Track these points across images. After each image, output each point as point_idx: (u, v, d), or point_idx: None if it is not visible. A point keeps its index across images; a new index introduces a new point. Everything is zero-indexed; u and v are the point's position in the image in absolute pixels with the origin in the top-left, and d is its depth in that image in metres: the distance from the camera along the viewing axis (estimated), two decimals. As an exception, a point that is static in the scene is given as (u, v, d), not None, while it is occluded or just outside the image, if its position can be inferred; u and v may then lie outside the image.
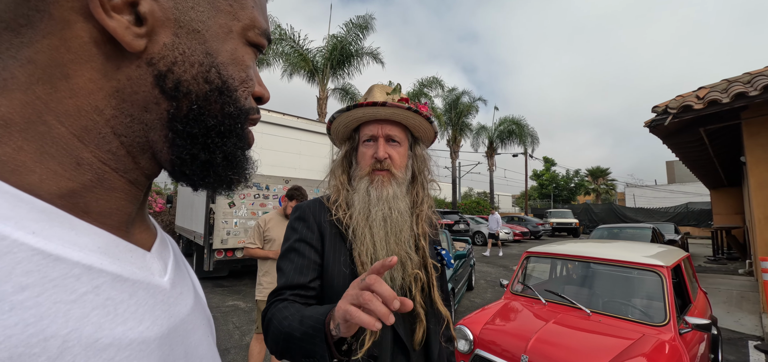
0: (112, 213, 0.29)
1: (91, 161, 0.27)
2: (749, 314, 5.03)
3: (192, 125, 0.30)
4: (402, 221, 0.89)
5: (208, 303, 5.58)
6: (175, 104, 0.30)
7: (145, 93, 0.29)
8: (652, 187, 35.87)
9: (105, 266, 0.26)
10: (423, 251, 0.93)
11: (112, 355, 0.24)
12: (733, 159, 8.25)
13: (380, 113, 0.92)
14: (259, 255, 2.76)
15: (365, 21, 14.31)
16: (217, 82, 0.31)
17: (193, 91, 0.30)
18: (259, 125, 6.49)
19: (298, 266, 0.86)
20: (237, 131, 0.33)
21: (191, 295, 0.37)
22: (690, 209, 22.13)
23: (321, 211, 0.93)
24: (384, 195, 0.89)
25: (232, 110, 0.32)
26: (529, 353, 2.15)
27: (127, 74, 0.28)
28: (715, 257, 11.17)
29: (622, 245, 3.39)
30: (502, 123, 24.48)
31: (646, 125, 6.10)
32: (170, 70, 0.29)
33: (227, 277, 7.18)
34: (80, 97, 0.27)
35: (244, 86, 0.34)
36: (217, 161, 0.32)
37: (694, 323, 2.27)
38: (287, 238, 0.93)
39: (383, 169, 0.92)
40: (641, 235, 8.01)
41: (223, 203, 5.60)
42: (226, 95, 0.32)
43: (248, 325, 4.48)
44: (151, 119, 0.30)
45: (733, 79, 5.43)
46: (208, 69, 0.31)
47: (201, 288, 0.46)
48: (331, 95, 15.33)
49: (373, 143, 0.94)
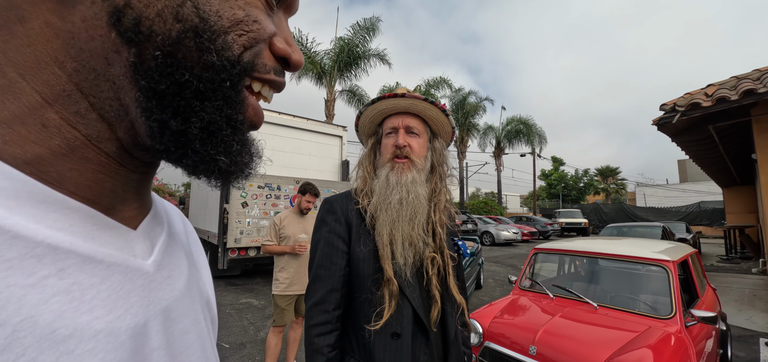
0: (91, 186, 0.25)
1: (59, 123, 0.23)
2: (761, 312, 5.00)
3: (158, 79, 0.24)
4: (418, 205, 0.95)
5: (222, 301, 5.65)
6: (135, 51, 0.24)
7: (101, 38, 0.23)
8: (664, 186, 35.32)
9: (75, 246, 0.23)
10: (439, 238, 0.99)
11: (72, 348, 0.21)
12: (745, 157, 8.14)
13: (400, 104, 1.01)
14: (275, 251, 2.89)
15: (372, 23, 14.47)
16: (193, 20, 0.24)
17: (158, 32, 0.24)
18: (270, 126, 6.68)
19: (327, 257, 0.94)
20: (223, 91, 0.26)
21: (183, 278, 0.33)
22: (702, 209, 21.75)
23: (348, 202, 1.00)
24: (403, 180, 0.95)
25: (215, 59, 0.25)
26: (537, 344, 2.23)
27: (82, 14, 0.23)
28: (727, 257, 11.01)
29: (629, 242, 3.43)
30: (510, 123, 24.40)
31: (655, 123, 6.09)
32: (128, 4, 0.23)
33: (240, 276, 7.35)
34: (38, 45, 0.22)
35: (240, 30, 0.26)
36: (193, 133, 0.25)
37: (700, 316, 2.32)
38: (318, 229, 0.99)
39: (403, 156, 0.99)
40: (651, 233, 7.96)
41: (237, 204, 5.75)
42: (206, 38, 0.25)
43: (262, 321, 4.62)
44: (117, 75, 0.24)
45: (742, 76, 5.40)
46: (182, 2, 0.24)
47: (207, 269, 0.41)
48: (339, 97, 15.52)
49: (394, 134, 1.01)
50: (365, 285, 0.91)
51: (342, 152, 7.62)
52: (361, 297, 0.92)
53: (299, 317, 3.01)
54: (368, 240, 0.94)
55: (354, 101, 15.66)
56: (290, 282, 2.87)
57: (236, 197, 5.75)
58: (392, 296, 0.88)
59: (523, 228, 17.05)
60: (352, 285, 0.94)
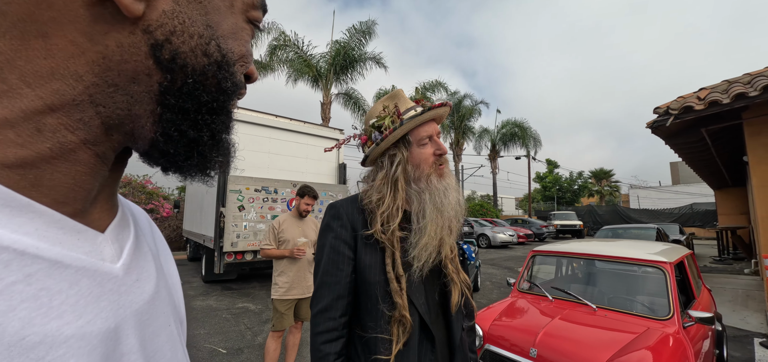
0: (69, 189, 0.26)
1: (56, 127, 0.24)
2: (755, 312, 5.07)
3: (185, 100, 0.29)
4: (451, 206, 0.98)
5: (218, 306, 5.61)
6: (169, 77, 0.28)
7: (136, 62, 0.26)
8: (657, 188, 35.74)
9: (42, 252, 0.23)
10: (455, 232, 1.03)
11: (42, 354, 0.21)
12: (736, 159, 8.28)
13: (439, 113, 1.02)
14: (274, 255, 2.87)
15: (367, 27, 14.51)
16: (217, 56, 0.30)
17: (190, 64, 0.28)
18: (267, 130, 6.66)
19: (333, 263, 0.93)
20: (227, 108, 0.32)
21: (152, 281, 0.33)
22: (695, 210, 22.03)
23: (354, 209, 0.98)
24: (452, 182, 0.99)
25: (229, 86, 0.31)
26: (537, 346, 2.23)
27: (118, 41, 0.25)
28: (720, 258, 11.16)
29: (626, 244, 3.46)
30: (505, 126, 24.57)
31: (648, 126, 6.17)
32: (168, 39, 0.27)
33: (236, 280, 7.28)
34: (57, 59, 0.24)
35: (243, 61, 0.33)
36: (204, 140, 0.31)
37: (697, 316, 2.34)
38: (323, 234, 0.98)
39: (443, 162, 1.00)
40: (645, 235, 8.05)
41: (233, 207, 5.71)
42: (225, 70, 0.31)
43: (259, 326, 4.58)
44: (138, 91, 0.27)
45: (733, 80, 5.50)
46: (208, 41, 0.29)
47: (175, 272, 0.42)
48: (335, 100, 15.51)
49: (430, 143, 0.99)
50: (372, 293, 0.90)
51: (339, 155, 7.61)
52: (367, 304, 0.91)
53: (298, 321, 2.99)
54: (378, 258, 0.93)
55: (350, 104, 15.67)
56: (289, 285, 2.85)
57: (233, 200, 5.71)
58: (404, 332, 0.88)
59: (519, 230, 17.14)
60: (358, 291, 0.93)
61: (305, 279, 2.92)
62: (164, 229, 12.35)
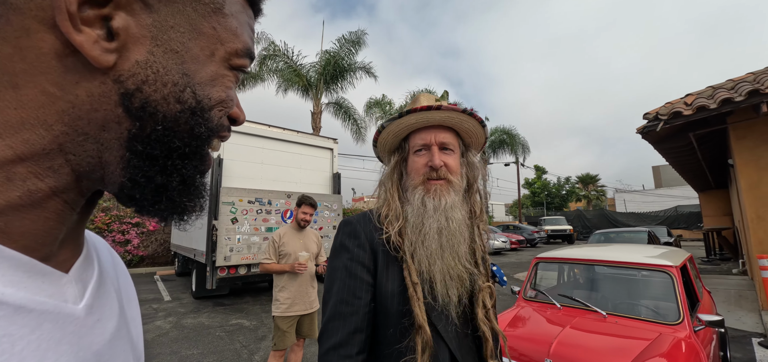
0: (38, 236, 0.26)
1: (26, 176, 0.25)
2: (749, 312, 5.15)
3: (154, 146, 0.28)
4: (460, 233, 0.83)
5: (211, 324, 5.40)
6: (138, 124, 0.27)
7: (106, 111, 0.26)
8: (641, 192, 36.63)
9: (6, 297, 0.23)
10: (486, 265, 0.88)
11: None
12: (720, 162, 8.53)
13: (434, 118, 0.87)
14: (275, 270, 2.75)
15: (357, 36, 14.56)
16: (191, 102, 0.29)
17: (161, 111, 0.28)
18: (260, 140, 6.54)
19: (349, 290, 0.80)
20: (201, 153, 0.31)
21: (113, 321, 0.33)
22: (679, 212, 22.63)
23: (370, 226, 0.87)
24: (442, 205, 0.83)
25: (203, 131, 0.30)
26: (552, 357, 2.18)
27: (88, 90, 0.26)
28: (708, 259, 11.41)
29: (628, 248, 3.46)
30: (494, 133, 24.86)
31: (639, 132, 6.30)
32: (139, 89, 0.27)
33: (228, 295, 7.04)
34: (27, 110, 0.24)
35: (222, 107, 0.32)
36: (173, 186, 0.30)
37: (707, 320, 2.33)
38: (336, 255, 0.85)
39: (439, 178, 0.85)
40: (638, 238, 8.17)
41: (226, 220, 5.54)
42: (199, 116, 0.30)
43: (255, 343, 4.40)
44: (108, 139, 0.27)
45: (717, 86, 5.67)
46: (183, 89, 0.29)
47: (136, 302, 0.42)
48: (325, 109, 15.44)
49: (426, 152, 0.88)
50: (392, 323, 0.79)
51: (333, 164, 7.52)
52: (386, 334, 0.79)
53: (301, 339, 2.87)
54: (397, 273, 0.82)
55: (340, 113, 15.63)
56: (291, 302, 2.73)
57: (225, 212, 5.54)
58: (426, 345, 0.75)
59: (511, 236, 17.24)
60: (377, 322, 0.81)
61: (307, 294, 2.81)
62: (151, 243, 11.95)
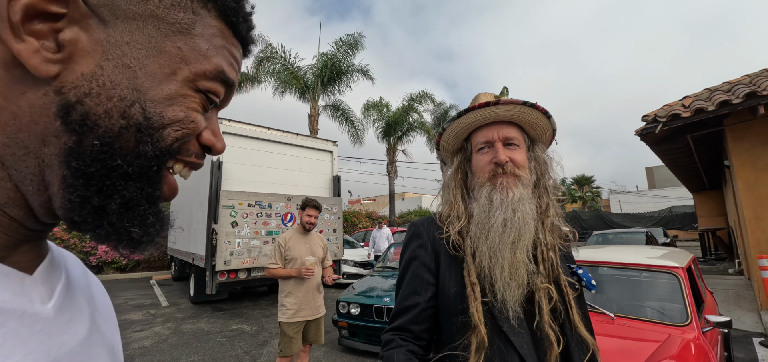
0: None
1: None
2: (748, 312, 5.20)
3: (89, 163, 0.26)
4: (524, 225, 0.80)
5: (211, 329, 5.33)
6: (75, 139, 0.26)
7: (45, 123, 0.25)
8: (635, 193, 36.97)
9: None
10: (551, 263, 0.83)
11: None
12: (715, 163, 8.63)
13: (494, 113, 0.85)
14: (281, 275, 2.71)
15: (355, 39, 14.59)
16: (139, 118, 0.28)
17: (101, 125, 0.27)
18: (260, 142, 6.49)
19: (412, 289, 0.85)
20: (149, 174, 0.29)
21: (85, 322, 0.33)
22: (674, 213, 22.84)
23: (433, 228, 0.89)
24: (509, 198, 0.81)
25: (149, 150, 0.28)
26: (563, 360, 2.17)
27: (30, 101, 0.25)
28: (704, 259, 11.53)
29: (631, 249, 3.48)
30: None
31: (637, 133, 6.35)
32: (80, 101, 0.26)
33: (227, 300, 6.97)
34: None
35: (178, 126, 0.30)
36: (112, 209, 0.28)
37: (715, 321, 2.34)
38: (401, 256, 0.92)
39: (505, 173, 0.84)
40: (636, 240, 8.22)
41: (226, 223, 5.48)
42: (146, 133, 0.28)
43: (257, 348, 4.35)
44: (49, 155, 0.26)
45: (714, 89, 5.74)
46: (131, 104, 0.27)
47: (112, 315, 0.41)
48: (323, 112, 15.43)
49: (489, 149, 0.86)
50: (454, 322, 0.80)
51: (333, 167, 7.48)
52: (450, 332, 0.81)
53: (307, 345, 2.83)
54: (458, 273, 0.83)
55: (338, 115, 15.61)
56: (298, 307, 2.69)
57: (225, 216, 5.48)
58: (480, 345, 0.74)
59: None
60: (441, 321, 0.84)
61: (314, 299, 2.77)
62: (146, 248, 11.82)
